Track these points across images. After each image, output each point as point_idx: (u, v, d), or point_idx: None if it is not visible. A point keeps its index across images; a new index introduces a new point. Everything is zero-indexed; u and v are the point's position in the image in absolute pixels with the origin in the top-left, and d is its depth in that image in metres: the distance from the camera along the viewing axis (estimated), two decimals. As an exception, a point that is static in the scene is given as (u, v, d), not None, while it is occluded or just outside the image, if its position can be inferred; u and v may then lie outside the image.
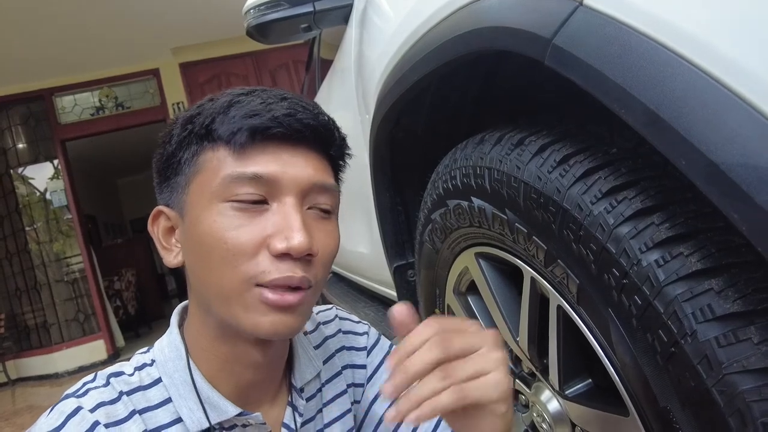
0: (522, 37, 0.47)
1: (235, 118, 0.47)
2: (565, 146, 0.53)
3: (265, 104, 0.48)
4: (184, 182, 0.50)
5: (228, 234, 0.46)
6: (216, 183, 0.47)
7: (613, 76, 0.38)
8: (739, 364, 0.36)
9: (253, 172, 0.47)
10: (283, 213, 0.47)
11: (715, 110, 0.32)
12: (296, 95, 0.51)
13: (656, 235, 0.42)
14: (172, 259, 0.52)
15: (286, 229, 0.46)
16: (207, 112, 0.49)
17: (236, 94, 0.50)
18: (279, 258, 0.46)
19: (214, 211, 0.47)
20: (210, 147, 0.49)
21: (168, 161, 0.51)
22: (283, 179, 0.47)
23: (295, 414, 0.57)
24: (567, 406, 0.65)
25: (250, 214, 0.47)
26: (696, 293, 0.39)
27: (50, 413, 0.47)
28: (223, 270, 0.47)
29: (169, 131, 0.52)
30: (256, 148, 0.47)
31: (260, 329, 0.47)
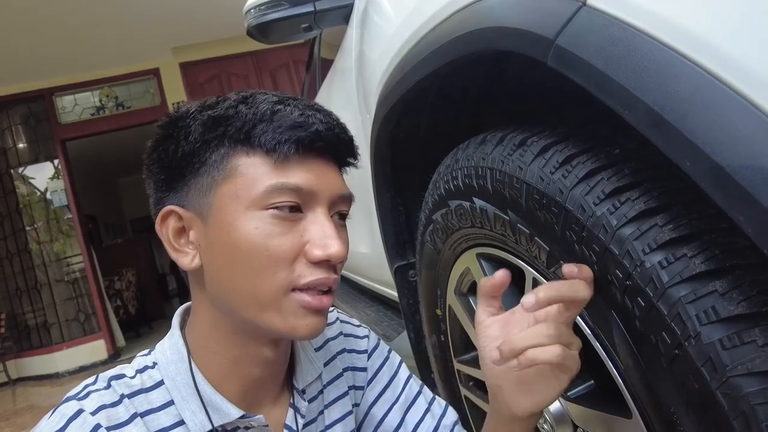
0: (524, 38, 0.47)
1: (281, 128, 0.48)
2: (568, 147, 0.52)
3: (305, 116, 0.49)
4: (208, 184, 0.49)
5: (270, 241, 0.47)
6: (256, 191, 0.48)
7: (616, 77, 0.37)
8: (744, 367, 0.36)
9: (296, 183, 0.48)
10: (319, 222, 0.49)
11: (720, 112, 0.31)
12: (318, 105, 0.53)
13: (660, 236, 0.42)
14: (188, 262, 0.51)
15: (324, 237, 0.49)
16: (245, 117, 0.49)
17: (273, 101, 0.50)
18: (316, 264, 0.49)
19: (254, 218, 0.48)
20: (244, 152, 0.49)
21: (185, 159, 0.50)
22: (318, 191, 0.50)
23: (297, 415, 0.57)
24: (568, 407, 0.64)
25: (288, 222, 0.48)
26: (700, 295, 0.39)
27: (51, 416, 0.47)
28: (262, 276, 0.48)
29: (181, 128, 0.50)
30: (296, 159, 0.49)
31: (298, 332, 0.49)
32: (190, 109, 0.52)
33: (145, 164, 0.54)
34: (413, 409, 0.66)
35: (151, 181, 0.54)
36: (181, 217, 0.51)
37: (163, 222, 0.52)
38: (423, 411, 0.66)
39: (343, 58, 1.42)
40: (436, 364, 1.04)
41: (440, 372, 1.03)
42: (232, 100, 0.51)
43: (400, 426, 0.65)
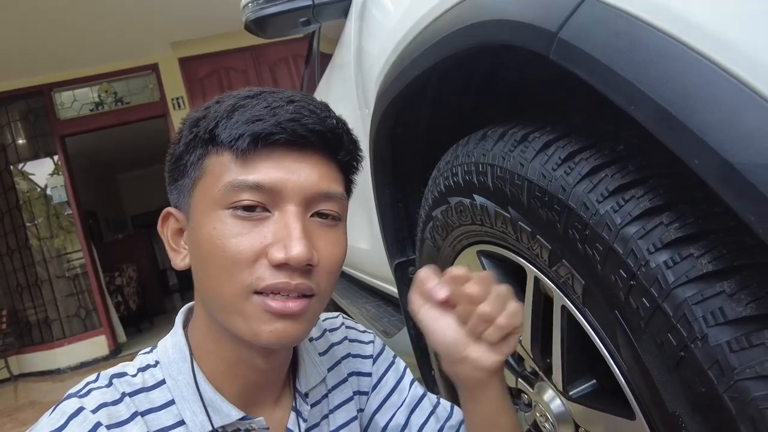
0: (526, 31, 0.45)
1: (238, 123, 0.46)
2: (571, 143, 0.51)
3: (270, 108, 0.46)
4: (189, 185, 0.49)
5: (227, 242, 0.46)
6: (217, 189, 0.46)
7: (622, 72, 0.36)
8: (752, 370, 0.35)
9: (255, 180, 0.46)
10: (284, 222, 0.46)
11: (730, 107, 0.30)
12: (306, 97, 0.50)
13: (665, 235, 0.41)
14: (179, 262, 0.52)
15: (285, 238, 0.45)
16: (212, 115, 0.48)
17: (242, 96, 0.49)
18: (277, 267, 0.45)
19: (214, 217, 0.46)
20: (214, 151, 0.48)
21: (176, 163, 0.51)
22: (285, 188, 0.46)
23: (299, 419, 0.57)
24: (570, 407, 0.64)
25: (250, 222, 0.46)
26: (707, 296, 0.37)
27: (52, 413, 0.47)
28: (222, 278, 0.46)
29: (180, 132, 0.52)
30: (259, 154, 0.46)
31: (260, 338, 0.46)
32: (191, 113, 0.52)
33: None
34: (418, 410, 0.65)
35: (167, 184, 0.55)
36: (177, 219, 0.52)
37: (164, 222, 0.53)
38: (428, 413, 0.65)
39: (342, 53, 1.40)
40: (437, 361, 1.03)
41: (440, 369, 1.03)
42: (212, 101, 0.51)
43: (405, 427, 0.64)
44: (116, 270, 6.10)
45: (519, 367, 0.76)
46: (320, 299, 0.50)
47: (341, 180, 0.52)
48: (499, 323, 0.49)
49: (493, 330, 0.49)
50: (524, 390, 0.75)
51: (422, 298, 0.53)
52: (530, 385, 0.73)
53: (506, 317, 0.49)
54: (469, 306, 0.49)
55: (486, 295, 0.49)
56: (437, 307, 0.52)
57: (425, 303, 0.53)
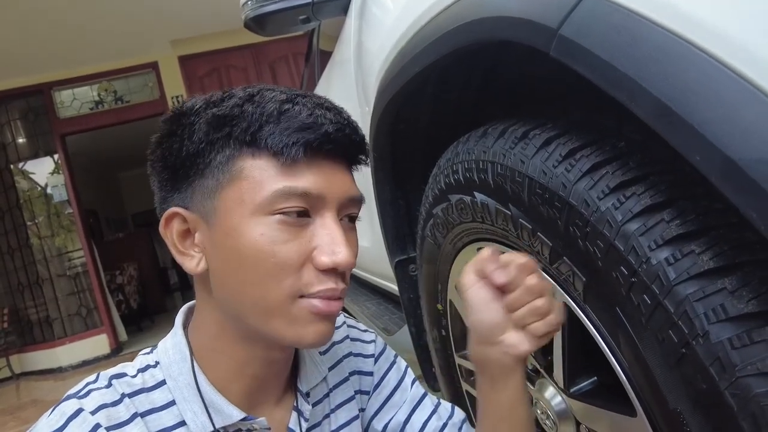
0: (526, 28, 0.45)
1: (288, 130, 0.45)
2: (571, 139, 0.51)
3: (314, 116, 0.46)
4: (213, 186, 0.47)
5: (277, 248, 0.46)
6: (262, 196, 0.46)
7: (623, 68, 0.36)
8: (754, 367, 0.35)
9: (303, 188, 0.46)
10: (328, 228, 0.47)
11: (732, 103, 0.30)
12: (331, 102, 0.51)
13: (666, 232, 0.41)
14: (194, 267, 0.49)
15: (331, 244, 0.47)
16: (252, 117, 0.46)
17: (280, 100, 0.47)
18: (324, 272, 0.47)
19: (260, 223, 0.46)
20: (250, 154, 0.46)
21: (189, 160, 0.48)
22: (327, 194, 0.47)
23: (301, 419, 0.57)
24: (571, 404, 0.64)
25: (295, 228, 0.46)
26: (708, 293, 0.37)
27: (51, 414, 0.46)
28: (268, 283, 0.46)
29: (185, 126, 0.48)
30: (304, 161, 0.46)
31: (305, 339, 0.48)
32: (195, 105, 0.49)
33: (149, 160, 0.52)
34: (420, 409, 0.65)
35: (155, 179, 0.52)
36: (186, 219, 0.49)
37: (168, 224, 0.50)
38: (430, 411, 0.65)
39: (342, 50, 1.40)
40: (437, 358, 1.03)
41: (441, 367, 1.03)
42: (238, 98, 0.48)
43: (407, 423, 0.64)
44: (117, 268, 6.10)
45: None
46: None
47: None
48: (549, 320, 0.49)
49: (542, 324, 0.49)
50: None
51: (477, 276, 0.52)
52: (531, 383, 0.73)
53: (557, 315, 0.49)
54: (525, 296, 0.49)
55: (543, 290, 0.49)
56: (490, 289, 0.51)
57: (479, 281, 0.52)
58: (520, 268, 0.49)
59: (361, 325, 0.70)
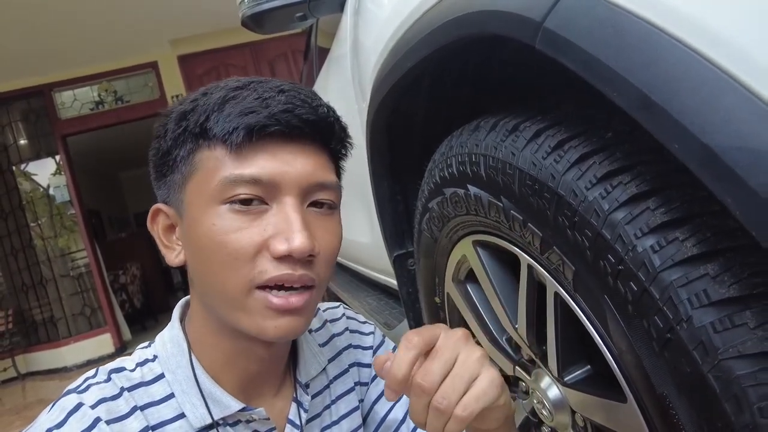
0: (512, 21, 0.46)
1: (230, 116, 0.45)
2: (560, 131, 0.52)
3: (261, 99, 0.46)
4: (180, 181, 0.49)
5: (228, 237, 0.45)
6: (213, 185, 0.46)
7: (605, 59, 0.37)
8: (735, 350, 0.36)
9: (251, 174, 0.45)
10: (283, 214, 0.46)
11: (708, 92, 0.31)
12: (294, 86, 0.49)
13: (651, 220, 0.41)
14: (173, 258, 0.51)
15: (286, 230, 0.45)
16: (201, 108, 0.47)
17: (231, 87, 0.48)
18: (280, 260, 0.45)
19: (212, 213, 0.46)
20: (206, 145, 0.47)
21: (164, 158, 0.50)
22: (282, 180, 0.46)
23: (300, 410, 0.57)
24: (566, 393, 0.64)
25: (249, 216, 0.46)
26: (691, 279, 0.38)
27: (51, 409, 0.47)
28: (225, 273, 0.46)
29: (164, 125, 0.50)
30: (253, 147, 0.46)
31: (265, 333, 0.47)
32: (174, 105, 0.51)
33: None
34: None
35: (152, 179, 0.54)
36: (168, 215, 0.51)
37: (153, 219, 0.52)
38: None
39: (339, 46, 1.41)
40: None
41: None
42: (198, 93, 0.50)
43: (403, 422, 0.65)
44: (120, 268, 6.13)
45: (516, 355, 0.77)
46: (320, 289, 0.50)
47: (333, 168, 0.53)
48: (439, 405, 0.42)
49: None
50: (522, 378, 0.76)
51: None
52: (527, 373, 0.74)
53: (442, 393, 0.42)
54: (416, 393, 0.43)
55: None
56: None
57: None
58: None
59: (360, 317, 0.70)
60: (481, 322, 0.80)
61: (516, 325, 0.70)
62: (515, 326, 0.70)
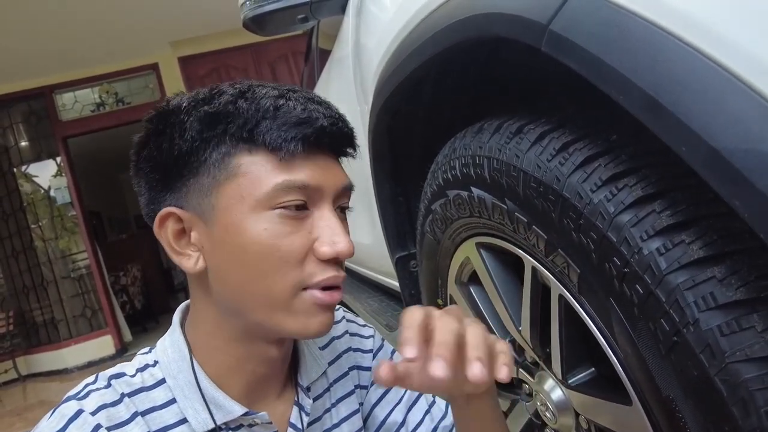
0: (517, 23, 0.46)
1: (285, 126, 0.46)
2: (565, 134, 0.52)
3: (307, 111, 0.48)
4: (209, 184, 0.47)
5: (280, 242, 0.46)
6: (262, 191, 0.46)
7: (611, 62, 0.37)
8: (743, 353, 0.36)
9: (303, 181, 0.47)
10: (326, 219, 0.49)
11: (715, 94, 0.31)
12: (318, 96, 0.52)
13: (657, 222, 0.41)
14: (192, 266, 0.49)
15: (332, 234, 0.48)
16: (247, 114, 0.46)
17: (274, 96, 0.48)
18: (326, 262, 0.48)
19: (262, 218, 0.47)
20: (247, 150, 0.47)
21: (182, 158, 0.48)
22: (325, 186, 0.49)
23: (302, 413, 0.57)
24: (570, 395, 0.64)
25: (296, 221, 0.47)
26: (698, 281, 0.38)
27: (51, 416, 0.46)
28: (273, 277, 0.47)
29: (175, 124, 0.48)
30: (301, 155, 0.47)
31: (309, 330, 0.49)
32: (182, 103, 0.49)
33: (132, 161, 0.52)
34: (415, 408, 0.65)
35: (142, 180, 0.51)
36: (181, 219, 0.49)
37: (162, 224, 0.50)
38: (424, 412, 0.65)
39: (341, 48, 1.41)
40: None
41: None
42: (229, 95, 0.48)
43: (402, 425, 0.64)
44: (121, 270, 6.13)
45: (520, 357, 0.77)
46: None
47: None
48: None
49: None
50: (525, 380, 0.76)
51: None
52: (531, 375, 0.74)
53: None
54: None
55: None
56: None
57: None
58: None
59: (359, 320, 0.70)
60: (484, 325, 0.80)
61: (519, 328, 0.70)
62: (519, 328, 0.70)
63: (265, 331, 0.50)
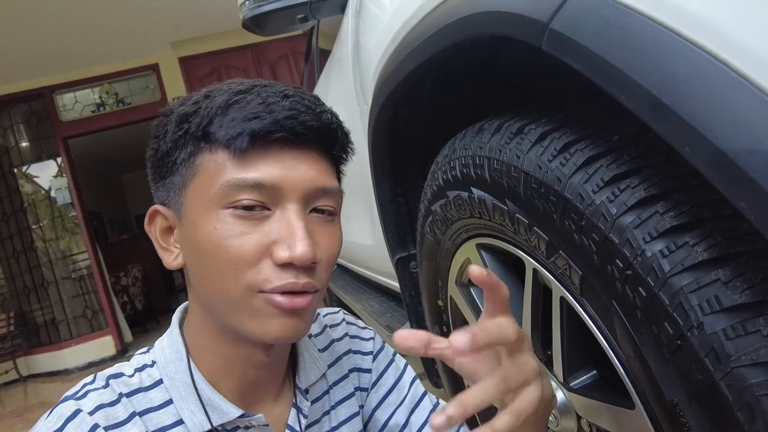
0: (518, 22, 0.45)
1: (234, 120, 0.45)
2: (566, 134, 0.51)
3: (266, 104, 0.45)
4: (180, 183, 0.48)
5: (229, 242, 0.45)
6: (215, 189, 0.45)
7: (613, 61, 0.36)
8: (748, 357, 0.35)
9: (254, 179, 0.45)
10: (286, 220, 0.46)
11: (721, 94, 0.30)
12: (298, 90, 0.49)
13: (661, 224, 0.40)
14: (171, 261, 0.50)
15: (289, 237, 0.45)
16: (204, 111, 0.46)
17: (234, 91, 0.47)
18: (282, 267, 0.45)
19: (213, 217, 0.46)
20: (207, 149, 0.47)
21: (163, 159, 0.49)
22: (285, 185, 0.46)
23: (300, 416, 0.57)
24: (572, 398, 0.64)
25: (251, 221, 0.45)
26: (702, 284, 0.37)
27: (49, 416, 0.46)
28: (226, 277, 0.46)
29: (163, 126, 0.50)
30: (256, 152, 0.45)
31: (268, 334, 0.46)
32: (173, 105, 0.50)
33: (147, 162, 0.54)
34: (418, 410, 0.65)
35: (149, 179, 0.53)
36: (166, 217, 0.51)
37: (151, 221, 0.52)
38: (428, 412, 0.65)
39: (340, 48, 1.40)
40: (439, 355, 1.03)
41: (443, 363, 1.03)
42: (200, 95, 0.49)
43: (405, 426, 0.64)
44: (121, 270, 6.13)
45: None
46: (320, 294, 0.50)
47: (335, 172, 0.52)
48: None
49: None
50: (526, 382, 0.75)
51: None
52: (532, 377, 0.73)
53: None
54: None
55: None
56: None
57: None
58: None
59: (359, 323, 0.70)
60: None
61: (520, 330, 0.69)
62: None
63: (237, 332, 0.49)
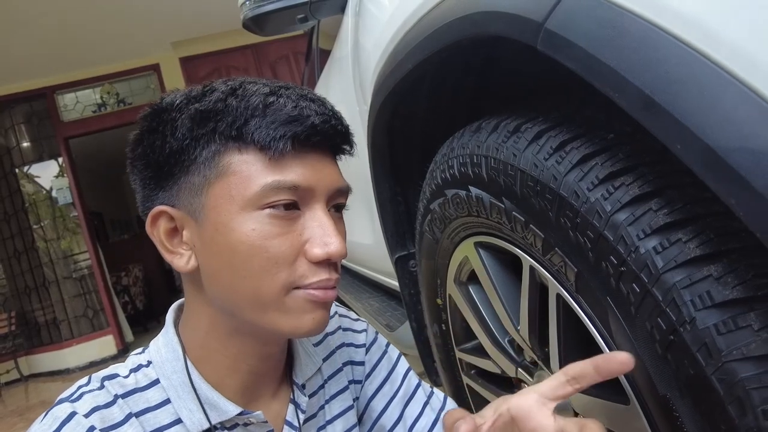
0: (513, 22, 0.46)
1: (275, 123, 0.45)
2: (562, 132, 0.52)
3: (299, 108, 0.46)
4: (200, 183, 0.47)
5: (268, 242, 0.46)
6: (252, 190, 0.45)
7: (606, 60, 0.37)
8: (739, 352, 0.35)
9: (293, 181, 0.46)
10: (318, 220, 0.48)
11: (711, 93, 0.31)
12: (315, 94, 0.50)
13: (654, 221, 0.41)
14: (184, 264, 0.49)
15: (323, 236, 0.47)
16: (237, 111, 0.46)
17: (264, 93, 0.47)
18: (317, 264, 0.47)
19: (250, 219, 0.46)
20: (236, 148, 0.46)
21: (173, 157, 0.47)
22: (317, 187, 0.48)
23: (298, 411, 0.57)
24: (569, 395, 0.64)
25: (286, 221, 0.47)
26: (695, 280, 0.38)
27: (44, 418, 0.46)
28: (262, 278, 0.46)
29: (166, 122, 0.48)
30: (292, 154, 0.46)
31: (301, 328, 0.48)
32: (176, 100, 0.49)
33: (128, 159, 0.51)
34: (412, 402, 0.65)
35: (137, 178, 0.51)
36: (173, 217, 0.49)
37: (154, 223, 0.50)
38: (422, 404, 0.65)
39: (340, 48, 1.41)
40: (438, 353, 1.04)
41: (442, 361, 1.03)
42: (220, 92, 0.48)
43: (400, 420, 0.64)
44: (122, 270, 6.14)
45: (518, 357, 0.77)
46: None
47: None
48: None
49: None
50: (524, 380, 0.75)
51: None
52: (530, 375, 0.73)
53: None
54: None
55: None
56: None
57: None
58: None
59: (352, 314, 0.70)
60: (483, 324, 0.80)
61: (518, 327, 0.70)
62: (517, 328, 0.70)
63: (258, 329, 0.49)
